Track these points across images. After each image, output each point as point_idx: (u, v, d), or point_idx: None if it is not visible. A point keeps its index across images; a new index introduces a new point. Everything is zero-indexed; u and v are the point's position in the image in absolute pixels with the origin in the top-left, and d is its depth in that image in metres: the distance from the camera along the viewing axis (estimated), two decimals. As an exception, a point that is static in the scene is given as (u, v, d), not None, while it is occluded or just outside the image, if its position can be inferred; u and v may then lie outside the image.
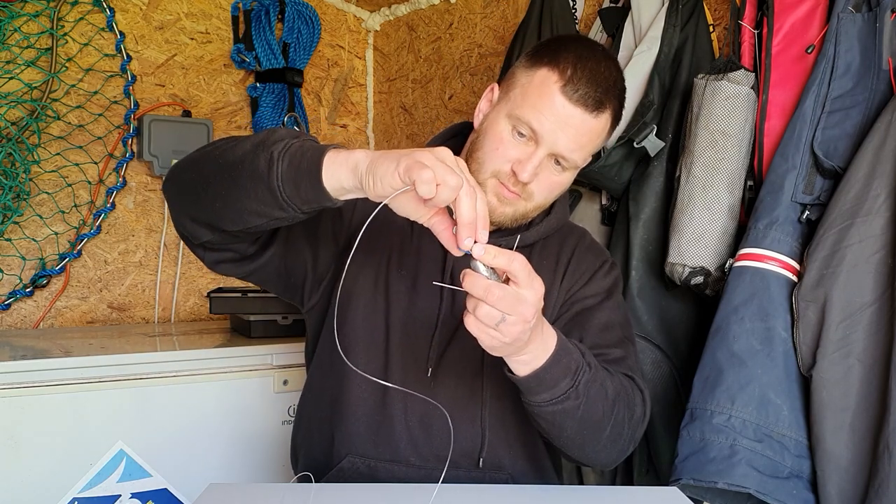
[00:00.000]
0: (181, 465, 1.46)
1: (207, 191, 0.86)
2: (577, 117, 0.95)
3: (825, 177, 1.24)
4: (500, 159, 0.98)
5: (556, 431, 0.92)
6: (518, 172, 0.96)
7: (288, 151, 0.79)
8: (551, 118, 0.95)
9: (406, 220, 1.07)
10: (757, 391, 1.20)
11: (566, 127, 0.95)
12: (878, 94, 1.22)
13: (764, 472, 1.17)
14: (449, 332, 1.05)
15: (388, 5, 2.43)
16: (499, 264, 0.73)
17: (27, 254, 1.85)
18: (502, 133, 0.98)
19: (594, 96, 0.95)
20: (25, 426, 1.32)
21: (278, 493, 0.91)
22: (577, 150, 0.97)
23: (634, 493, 0.97)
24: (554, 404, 0.87)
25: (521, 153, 0.97)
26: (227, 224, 0.87)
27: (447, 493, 0.92)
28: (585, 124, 0.96)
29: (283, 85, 2.22)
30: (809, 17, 1.31)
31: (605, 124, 0.99)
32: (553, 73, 0.96)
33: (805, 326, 1.19)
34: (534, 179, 0.98)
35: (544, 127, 0.95)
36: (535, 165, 0.96)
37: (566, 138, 0.95)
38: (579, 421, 0.90)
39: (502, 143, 0.98)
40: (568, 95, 0.94)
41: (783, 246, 1.24)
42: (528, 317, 0.75)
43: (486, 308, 0.73)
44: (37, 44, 1.85)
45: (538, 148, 0.96)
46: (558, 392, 0.86)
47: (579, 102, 0.94)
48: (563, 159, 0.97)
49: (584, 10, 1.84)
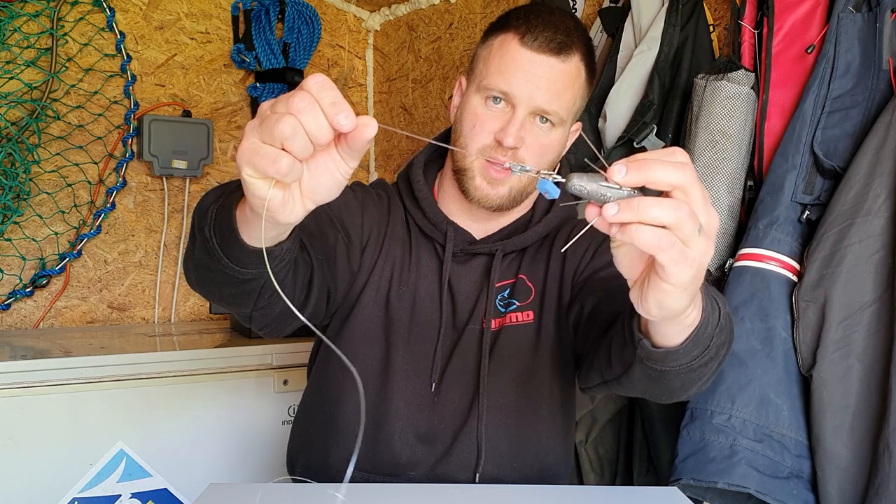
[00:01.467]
0: (181, 465, 1.46)
1: (219, 298, 0.83)
2: (545, 64, 0.93)
3: (825, 177, 1.24)
4: (481, 133, 0.95)
5: (689, 383, 0.75)
6: (502, 139, 0.93)
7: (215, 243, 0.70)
8: (519, 74, 0.93)
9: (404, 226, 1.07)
10: (757, 391, 1.20)
11: (536, 78, 0.93)
12: (878, 93, 1.22)
13: (764, 472, 1.17)
14: (451, 344, 1.04)
15: (388, 5, 2.43)
16: (636, 180, 0.51)
17: (27, 254, 1.85)
18: (476, 108, 0.96)
19: (556, 39, 0.93)
20: (25, 426, 1.32)
21: (278, 493, 0.91)
22: (555, 100, 0.94)
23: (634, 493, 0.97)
24: (705, 355, 0.70)
25: (501, 121, 0.95)
26: (236, 307, 0.83)
27: (447, 493, 0.92)
28: (555, 69, 0.93)
29: (283, 85, 2.22)
30: (809, 17, 1.31)
31: (576, 68, 0.96)
32: (509, 33, 0.95)
33: (805, 326, 1.19)
34: (521, 144, 0.94)
35: (513, 85, 0.93)
36: (518, 127, 0.93)
37: (540, 90, 0.93)
38: (722, 358, 0.75)
39: (478, 117, 0.96)
40: (529, 45, 0.93)
41: (783, 246, 1.24)
42: (714, 216, 0.54)
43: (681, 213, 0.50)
44: (37, 44, 1.85)
45: (516, 109, 0.94)
46: (708, 337, 0.68)
47: (542, 49, 0.93)
48: (545, 114, 0.94)
49: (584, 10, 1.84)
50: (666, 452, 1.46)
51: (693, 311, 0.63)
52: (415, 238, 1.07)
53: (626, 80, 1.52)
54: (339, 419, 1.04)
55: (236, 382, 1.54)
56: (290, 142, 0.52)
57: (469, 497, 0.90)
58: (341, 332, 1.05)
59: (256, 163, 0.53)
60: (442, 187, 1.09)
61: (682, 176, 0.51)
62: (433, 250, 1.07)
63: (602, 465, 1.64)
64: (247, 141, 0.54)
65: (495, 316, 1.04)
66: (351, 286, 1.03)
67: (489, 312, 1.03)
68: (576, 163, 1.58)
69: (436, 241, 1.06)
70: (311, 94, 0.52)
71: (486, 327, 1.03)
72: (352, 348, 1.04)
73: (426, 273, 1.05)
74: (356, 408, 1.03)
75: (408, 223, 1.08)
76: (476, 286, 1.05)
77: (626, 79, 1.52)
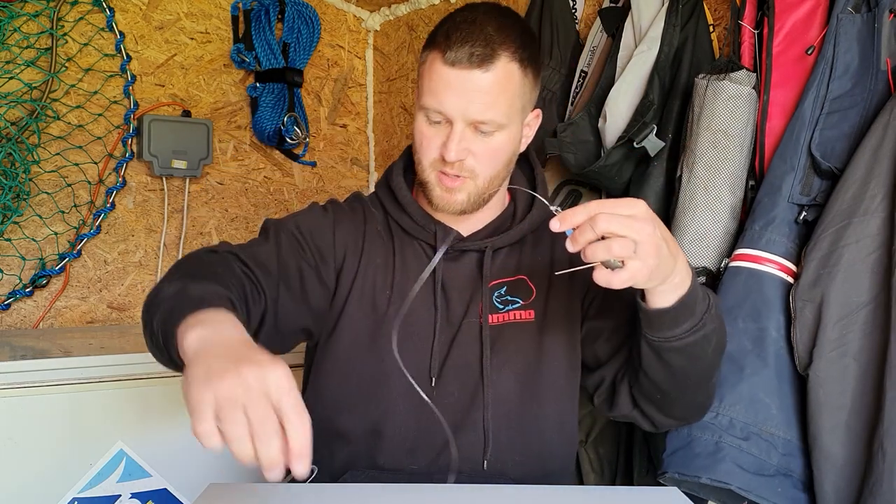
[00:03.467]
0: (181, 465, 1.46)
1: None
2: (469, 78, 0.96)
3: (822, 178, 1.24)
4: (430, 150, 1.00)
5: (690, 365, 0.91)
6: (445, 154, 0.98)
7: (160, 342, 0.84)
8: (448, 93, 0.96)
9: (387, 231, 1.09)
10: (746, 390, 1.21)
11: (465, 93, 0.96)
12: (877, 94, 1.22)
13: (748, 470, 1.18)
14: (448, 339, 1.05)
15: (388, 5, 2.43)
16: (579, 220, 0.75)
17: (27, 254, 1.85)
18: (421, 127, 1.01)
19: (476, 53, 0.95)
20: (25, 426, 1.32)
21: (278, 493, 0.91)
22: (488, 109, 0.97)
23: (634, 493, 0.97)
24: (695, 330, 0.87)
25: (443, 135, 0.99)
26: None
27: (446, 493, 0.92)
28: (481, 81, 0.96)
29: (283, 85, 2.21)
30: (810, 18, 1.31)
31: (505, 72, 0.97)
32: (434, 52, 0.98)
33: (802, 326, 1.19)
34: (466, 155, 0.99)
35: (445, 104, 0.97)
36: (457, 142, 0.97)
37: (472, 104, 0.96)
38: (713, 347, 0.91)
39: (424, 135, 1.01)
40: (451, 63, 0.95)
41: (778, 247, 1.25)
42: (647, 231, 0.75)
43: (612, 242, 0.74)
44: (37, 44, 1.85)
45: (454, 125, 0.97)
46: (699, 314, 0.86)
47: (464, 65, 0.95)
48: (481, 124, 0.98)
49: (584, 10, 1.84)
50: (665, 452, 1.47)
51: (677, 276, 0.81)
52: (398, 241, 1.10)
53: (626, 80, 1.52)
54: (339, 425, 1.04)
55: (236, 382, 1.54)
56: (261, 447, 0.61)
57: (470, 497, 0.90)
58: (329, 343, 1.07)
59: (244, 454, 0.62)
60: (419, 192, 1.12)
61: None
62: (419, 250, 1.09)
63: (602, 465, 1.64)
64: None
65: (493, 311, 1.06)
66: (332, 299, 1.07)
67: (486, 307, 1.05)
68: (575, 163, 1.58)
69: (423, 242, 1.09)
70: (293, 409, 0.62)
71: (485, 321, 1.04)
72: (342, 357, 1.06)
73: (414, 273, 1.06)
74: (355, 412, 1.04)
75: (389, 228, 1.11)
76: (469, 282, 1.07)
77: (626, 79, 1.52)
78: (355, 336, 1.05)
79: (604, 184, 1.58)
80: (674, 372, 0.92)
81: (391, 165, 1.15)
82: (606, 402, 1.07)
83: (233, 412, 0.61)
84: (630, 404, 1.02)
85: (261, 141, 2.25)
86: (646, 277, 0.77)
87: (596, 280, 0.76)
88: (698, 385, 0.96)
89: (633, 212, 0.75)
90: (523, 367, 1.05)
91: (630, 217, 0.74)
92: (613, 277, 0.75)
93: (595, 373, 1.08)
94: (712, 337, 0.89)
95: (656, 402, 0.99)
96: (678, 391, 0.96)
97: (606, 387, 1.06)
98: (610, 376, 1.05)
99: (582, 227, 0.74)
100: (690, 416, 1.07)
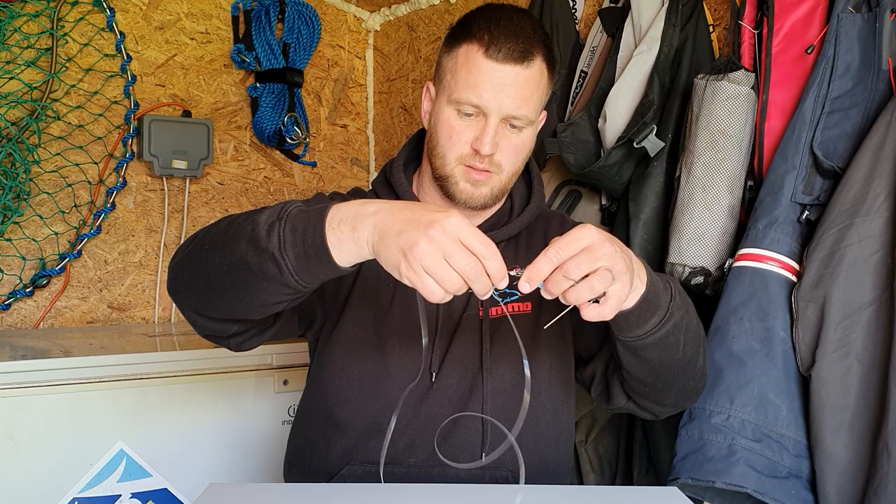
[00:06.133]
0: (181, 465, 1.46)
1: (224, 297, 0.87)
2: (511, 74, 0.97)
3: (825, 177, 1.24)
4: (458, 144, 1.01)
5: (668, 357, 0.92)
6: (479, 148, 0.99)
7: (288, 245, 0.78)
8: (488, 86, 0.97)
9: None
10: (756, 391, 1.20)
11: (504, 87, 0.97)
12: (878, 94, 1.22)
13: (762, 472, 1.17)
14: (448, 334, 1.06)
15: (388, 5, 2.43)
16: (545, 272, 0.74)
17: (27, 254, 1.85)
18: (450, 120, 1.01)
19: (518, 48, 0.97)
20: (25, 426, 1.32)
21: (278, 493, 0.91)
22: (523, 105, 0.99)
23: (634, 493, 0.97)
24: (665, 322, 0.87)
25: (475, 130, 1.00)
26: (253, 315, 0.90)
27: (444, 493, 0.92)
28: (520, 77, 0.98)
29: (283, 85, 2.22)
30: (809, 18, 1.31)
31: (539, 71, 1.00)
32: (473, 45, 0.98)
33: (804, 326, 1.19)
34: (496, 150, 1.00)
35: (484, 98, 0.98)
36: (492, 136, 0.99)
37: (509, 98, 0.98)
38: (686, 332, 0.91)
39: (454, 129, 1.01)
40: (494, 57, 0.97)
41: (782, 246, 1.24)
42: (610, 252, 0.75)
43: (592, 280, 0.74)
44: (37, 44, 1.85)
45: (488, 119, 0.99)
46: (664, 306, 0.87)
47: (507, 59, 0.97)
48: (514, 119, 1.00)
49: (584, 10, 1.84)
50: (666, 452, 1.46)
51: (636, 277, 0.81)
52: None
53: (626, 80, 1.52)
54: (339, 417, 1.05)
55: (236, 382, 1.54)
56: (448, 285, 0.72)
57: (469, 497, 0.90)
58: (332, 337, 1.07)
59: (433, 291, 0.72)
60: (421, 188, 1.13)
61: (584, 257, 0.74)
62: None
63: (602, 465, 1.64)
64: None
65: (493, 304, 1.07)
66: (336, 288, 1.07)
67: (486, 300, 1.06)
68: (575, 163, 1.59)
69: None
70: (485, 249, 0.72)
71: (485, 314, 1.06)
72: (344, 349, 1.06)
73: None
74: (354, 405, 1.04)
75: None
76: None
77: (626, 79, 1.52)
78: (358, 329, 1.06)
79: (604, 184, 1.58)
80: (654, 366, 0.93)
81: (390, 162, 1.15)
82: (603, 396, 1.08)
83: (441, 270, 0.70)
84: (624, 397, 1.04)
85: (261, 141, 2.25)
86: (628, 295, 0.78)
87: (587, 318, 0.77)
88: (684, 371, 0.97)
89: (589, 241, 0.74)
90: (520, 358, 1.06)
91: (590, 248, 0.74)
92: (604, 309, 0.76)
93: (588, 365, 1.10)
94: (682, 324, 0.90)
95: (646, 395, 1.01)
96: (664, 381, 0.97)
97: (599, 380, 1.08)
98: (601, 369, 1.07)
99: (552, 278, 0.74)
100: (685, 401, 1.08)
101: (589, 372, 1.10)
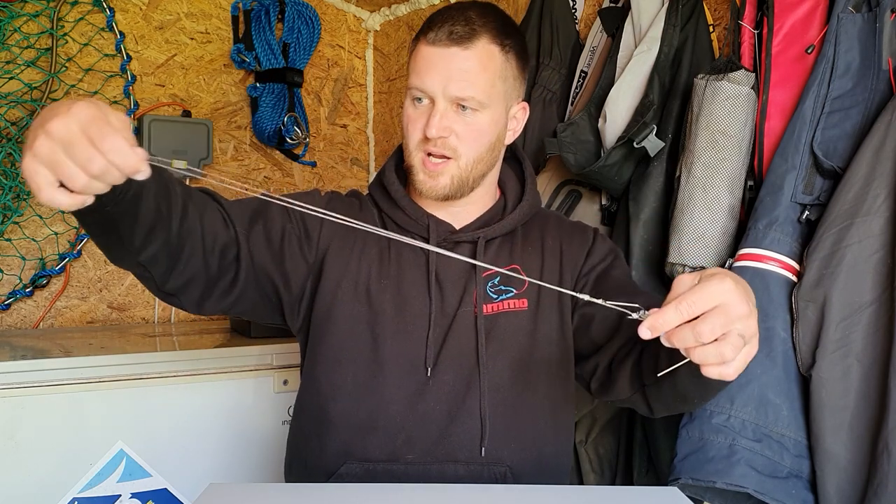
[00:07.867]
0: (181, 465, 1.46)
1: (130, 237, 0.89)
2: (448, 55, 1.00)
3: (825, 177, 1.24)
4: (415, 131, 1.04)
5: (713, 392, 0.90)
6: (426, 131, 1.01)
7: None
8: (430, 70, 1.00)
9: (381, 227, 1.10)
10: (756, 391, 1.20)
11: (446, 70, 1.00)
12: (878, 94, 1.22)
13: (763, 472, 1.17)
14: (443, 330, 1.06)
15: (388, 5, 2.43)
16: (672, 325, 0.66)
17: (27, 254, 1.85)
18: (407, 110, 1.05)
19: (457, 31, 0.99)
20: (25, 426, 1.32)
21: (278, 493, 0.91)
22: (469, 86, 1.00)
23: (634, 493, 0.97)
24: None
25: (426, 115, 1.02)
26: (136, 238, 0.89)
27: (443, 492, 0.92)
28: (460, 57, 1.00)
29: (283, 85, 2.22)
30: (809, 18, 1.31)
31: (485, 51, 1.01)
32: (419, 40, 1.03)
33: (804, 326, 1.19)
34: (448, 133, 1.01)
35: (426, 82, 1.01)
36: (438, 118, 1.00)
37: (452, 79, 0.99)
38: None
39: (409, 117, 1.05)
40: (433, 42, 1.00)
41: (783, 246, 1.24)
42: (745, 313, 0.67)
43: (723, 347, 0.66)
44: (37, 44, 1.85)
45: (436, 103, 1.01)
46: None
47: (444, 42, 1.00)
48: (462, 100, 1.00)
49: (584, 10, 1.84)
50: (666, 452, 1.46)
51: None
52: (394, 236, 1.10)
53: (626, 80, 1.52)
54: (333, 414, 1.05)
55: (236, 382, 1.54)
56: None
57: (468, 497, 0.90)
58: (324, 333, 1.07)
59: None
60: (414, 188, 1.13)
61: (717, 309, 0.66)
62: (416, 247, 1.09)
63: (602, 465, 1.64)
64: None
65: (487, 301, 1.07)
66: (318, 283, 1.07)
67: (480, 297, 1.06)
68: (575, 163, 1.58)
69: (417, 235, 1.10)
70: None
71: (479, 311, 1.06)
72: (336, 345, 1.06)
73: (409, 265, 1.08)
74: (348, 402, 1.04)
75: (384, 224, 1.12)
76: (463, 272, 1.08)
77: (626, 79, 1.52)
78: (350, 325, 1.06)
79: (604, 184, 1.58)
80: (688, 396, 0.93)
81: (385, 163, 1.17)
82: (603, 388, 1.06)
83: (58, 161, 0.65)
84: (628, 389, 1.00)
85: (261, 141, 2.25)
86: (753, 354, 0.71)
87: (707, 375, 0.69)
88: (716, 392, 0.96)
89: (724, 298, 0.65)
90: (517, 354, 1.06)
91: (724, 307, 0.65)
92: (727, 370, 0.68)
93: (590, 359, 1.08)
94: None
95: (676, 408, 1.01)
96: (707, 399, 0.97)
97: (602, 371, 1.05)
98: (605, 362, 1.05)
99: (679, 333, 0.66)
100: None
101: (590, 365, 1.08)
